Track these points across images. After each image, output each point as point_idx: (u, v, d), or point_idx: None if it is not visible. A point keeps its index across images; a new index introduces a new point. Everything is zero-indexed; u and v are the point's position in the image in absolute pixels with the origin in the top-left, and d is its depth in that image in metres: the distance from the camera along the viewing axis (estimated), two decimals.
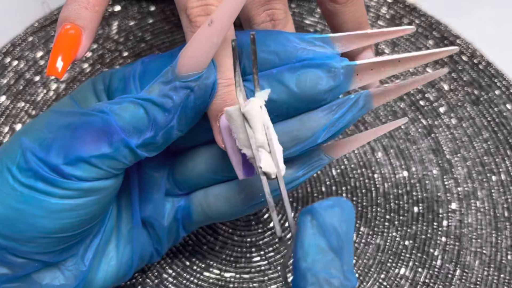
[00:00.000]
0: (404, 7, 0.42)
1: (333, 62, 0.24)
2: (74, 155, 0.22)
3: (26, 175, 0.22)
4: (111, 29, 0.40)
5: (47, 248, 0.23)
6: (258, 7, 0.26)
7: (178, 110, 0.23)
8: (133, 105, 0.23)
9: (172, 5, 0.41)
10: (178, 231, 0.28)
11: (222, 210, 0.27)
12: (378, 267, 0.32)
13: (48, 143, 0.22)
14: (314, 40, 0.24)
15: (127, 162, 0.23)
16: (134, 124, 0.23)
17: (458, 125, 0.37)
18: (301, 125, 0.24)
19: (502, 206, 0.34)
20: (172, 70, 0.23)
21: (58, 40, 0.23)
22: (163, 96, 0.23)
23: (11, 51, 0.38)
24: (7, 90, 0.37)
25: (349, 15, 0.28)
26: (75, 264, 0.25)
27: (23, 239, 0.22)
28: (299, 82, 0.24)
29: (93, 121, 0.23)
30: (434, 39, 0.40)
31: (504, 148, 0.36)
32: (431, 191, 0.35)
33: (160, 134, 0.23)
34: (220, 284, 0.31)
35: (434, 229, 0.33)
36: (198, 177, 0.27)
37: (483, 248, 0.33)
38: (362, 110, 0.25)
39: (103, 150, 0.22)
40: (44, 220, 0.22)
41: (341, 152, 0.27)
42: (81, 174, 0.22)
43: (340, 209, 0.20)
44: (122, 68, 0.26)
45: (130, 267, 0.27)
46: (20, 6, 0.40)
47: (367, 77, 0.25)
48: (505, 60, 0.39)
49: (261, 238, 0.33)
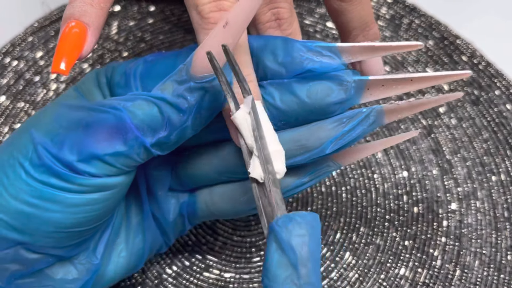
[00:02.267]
0: (404, 7, 0.42)
1: (345, 76, 0.24)
2: (88, 152, 0.22)
3: (39, 171, 0.22)
4: (111, 29, 0.39)
5: (62, 242, 0.23)
6: (263, 5, 0.26)
7: (193, 111, 0.23)
8: (146, 103, 0.22)
9: (172, 5, 0.41)
10: (184, 224, 0.28)
11: (226, 209, 0.27)
12: (378, 267, 0.32)
13: (60, 138, 0.22)
14: (321, 50, 0.24)
15: (140, 160, 0.23)
16: (148, 122, 0.22)
17: (458, 125, 0.37)
18: (310, 135, 0.24)
19: (502, 206, 0.34)
20: (186, 69, 0.22)
21: (62, 38, 0.23)
22: (177, 96, 0.22)
23: (11, 51, 0.38)
24: (6, 90, 0.37)
25: (355, 13, 0.28)
26: (87, 257, 0.25)
27: (39, 234, 0.22)
28: (310, 93, 0.24)
29: (107, 118, 0.22)
30: (434, 39, 0.40)
31: (504, 148, 0.36)
32: (431, 191, 0.35)
33: (174, 133, 0.23)
34: (220, 285, 0.31)
35: (434, 229, 0.33)
36: (202, 176, 0.27)
37: (483, 249, 0.33)
38: (372, 125, 0.25)
39: (118, 148, 0.22)
40: (59, 215, 0.22)
41: (350, 160, 0.27)
42: (95, 171, 0.22)
43: (295, 224, 0.20)
44: (125, 62, 0.26)
45: (141, 257, 0.28)
46: (20, 6, 0.40)
47: (377, 93, 0.24)
48: (505, 60, 0.39)
49: (261, 238, 0.33)
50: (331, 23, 0.41)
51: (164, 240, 0.29)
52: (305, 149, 0.24)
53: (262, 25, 0.26)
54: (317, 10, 0.41)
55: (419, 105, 0.25)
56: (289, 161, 0.24)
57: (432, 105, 0.25)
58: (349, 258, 0.32)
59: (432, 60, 0.40)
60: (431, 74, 0.24)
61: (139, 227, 0.28)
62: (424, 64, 0.39)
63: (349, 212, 0.34)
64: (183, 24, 0.40)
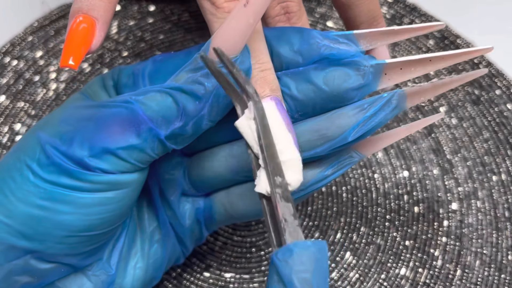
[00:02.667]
0: (405, 7, 0.42)
1: (361, 60, 0.23)
2: (100, 147, 0.21)
3: (48, 171, 0.21)
4: (111, 28, 0.39)
5: (75, 249, 0.22)
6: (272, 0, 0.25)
7: (210, 97, 0.22)
8: (159, 94, 0.22)
9: (172, 4, 0.41)
10: (201, 231, 0.27)
11: (246, 209, 0.26)
12: (379, 267, 0.32)
13: (70, 136, 0.21)
14: (338, 37, 0.24)
15: (154, 154, 0.22)
16: (162, 113, 0.21)
17: (458, 125, 0.37)
18: (330, 123, 0.23)
19: (503, 206, 0.34)
20: (203, 55, 0.21)
21: (71, 33, 0.22)
22: (193, 83, 0.21)
23: (11, 50, 0.38)
24: (6, 90, 0.37)
25: (363, 7, 0.27)
26: (101, 268, 0.24)
27: (50, 239, 0.21)
28: (327, 80, 0.23)
29: (118, 112, 0.21)
30: (434, 39, 0.40)
31: (505, 148, 0.36)
32: (431, 191, 0.35)
33: (190, 123, 0.22)
34: (220, 285, 0.31)
35: (434, 229, 0.33)
36: (217, 178, 0.26)
37: (483, 248, 0.33)
38: (394, 110, 0.24)
39: (131, 141, 0.21)
40: (71, 217, 0.21)
41: (372, 150, 0.25)
42: (107, 167, 0.21)
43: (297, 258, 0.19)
44: (132, 65, 0.25)
45: (159, 268, 0.26)
46: (19, 6, 0.40)
47: (395, 76, 0.24)
48: (505, 60, 0.39)
49: (261, 238, 0.33)
50: (331, 23, 0.41)
51: (182, 250, 0.27)
52: (326, 139, 0.23)
53: (272, 19, 0.25)
54: (317, 9, 0.41)
55: (443, 85, 0.24)
56: (309, 153, 0.23)
57: (455, 84, 0.24)
58: (349, 258, 0.32)
59: None
60: (450, 53, 0.23)
61: (155, 235, 0.26)
62: None
63: (350, 212, 0.34)
64: (183, 24, 0.40)
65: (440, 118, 0.26)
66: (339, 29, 0.41)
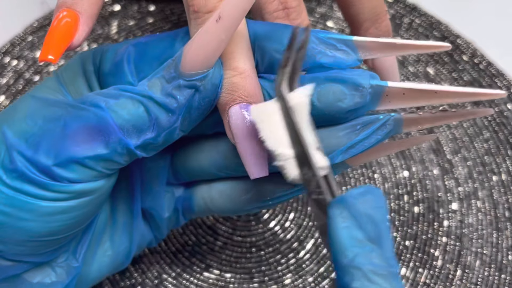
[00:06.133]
0: (405, 7, 0.42)
1: (360, 79, 0.22)
2: (66, 156, 0.20)
3: (11, 176, 0.20)
4: (111, 28, 0.39)
5: (37, 250, 0.22)
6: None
7: (182, 110, 0.21)
8: (131, 102, 0.21)
9: (172, 4, 0.41)
10: (178, 219, 0.27)
11: (225, 207, 0.26)
12: None
13: (36, 140, 0.20)
14: (336, 43, 0.22)
15: (123, 162, 0.22)
16: (133, 122, 0.21)
17: (458, 125, 0.37)
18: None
19: (503, 206, 0.34)
20: (175, 66, 0.21)
21: (53, 27, 0.21)
22: (166, 95, 0.21)
23: (11, 50, 0.38)
24: (6, 90, 0.37)
25: (367, 4, 0.26)
26: (66, 260, 0.24)
27: (12, 242, 0.21)
28: (320, 96, 0.22)
29: (87, 117, 0.20)
30: (434, 39, 0.40)
31: (505, 148, 0.36)
32: (431, 191, 0.35)
33: (162, 135, 0.21)
34: (220, 285, 0.31)
35: (434, 229, 0.33)
36: (201, 171, 0.26)
37: (484, 249, 0.33)
38: (388, 134, 0.22)
39: (99, 151, 0.20)
40: (33, 224, 0.21)
41: (360, 162, 0.24)
42: (73, 176, 0.20)
43: (372, 196, 0.18)
44: (114, 46, 0.23)
45: (127, 256, 0.26)
46: (19, 6, 0.40)
47: (396, 101, 0.22)
48: (506, 60, 0.39)
49: (261, 238, 0.33)
50: (331, 23, 0.41)
51: (155, 235, 0.27)
52: None
53: (269, 15, 0.24)
54: (317, 9, 0.41)
55: (443, 118, 0.22)
56: None
57: (457, 119, 0.22)
58: None
59: (433, 59, 0.39)
60: (458, 90, 0.21)
61: (126, 226, 0.26)
62: (424, 64, 0.39)
63: None
64: (183, 24, 0.40)
65: (433, 139, 0.25)
66: (339, 29, 0.41)
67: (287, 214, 0.33)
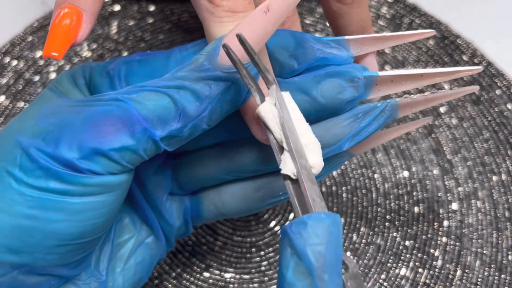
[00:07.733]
0: (405, 7, 0.42)
1: (355, 72, 0.23)
2: (90, 148, 0.19)
3: (34, 176, 0.19)
4: (111, 28, 0.39)
5: (65, 258, 0.21)
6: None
7: (214, 101, 0.21)
8: (155, 94, 0.20)
9: (172, 4, 0.41)
10: (187, 227, 0.27)
11: (238, 207, 0.26)
12: (379, 267, 0.32)
13: (54, 136, 0.19)
14: (330, 42, 0.24)
15: (145, 156, 0.21)
16: (158, 113, 0.20)
17: (458, 125, 0.37)
18: (325, 132, 0.24)
19: (503, 206, 0.34)
20: (210, 58, 0.20)
21: (55, 23, 0.21)
22: (199, 83, 0.20)
23: (11, 50, 0.38)
24: (6, 90, 0.37)
25: (354, 17, 0.27)
26: (91, 276, 0.23)
27: (40, 251, 0.20)
28: (322, 91, 0.23)
29: (109, 110, 0.20)
30: (434, 39, 0.40)
31: (505, 148, 0.36)
32: (431, 191, 0.35)
33: (189, 125, 0.21)
34: (220, 285, 0.31)
35: (434, 229, 0.33)
36: (208, 178, 0.26)
37: (483, 249, 0.33)
38: (387, 119, 0.24)
39: (124, 142, 0.20)
40: (63, 225, 0.19)
41: (362, 150, 0.26)
42: (98, 168, 0.19)
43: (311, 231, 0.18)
44: (103, 63, 0.23)
45: (148, 267, 0.26)
46: (19, 6, 0.40)
47: (386, 88, 0.24)
48: (505, 60, 0.39)
49: (261, 238, 0.33)
50: None
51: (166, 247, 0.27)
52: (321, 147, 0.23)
53: None
54: (317, 9, 0.41)
55: (435, 99, 0.24)
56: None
57: (447, 98, 0.24)
58: None
59: (433, 59, 0.39)
60: (441, 70, 0.24)
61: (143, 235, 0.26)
62: (424, 64, 0.39)
63: (350, 212, 0.34)
64: (183, 24, 0.40)
65: (428, 121, 0.27)
66: None
67: (287, 214, 0.34)
